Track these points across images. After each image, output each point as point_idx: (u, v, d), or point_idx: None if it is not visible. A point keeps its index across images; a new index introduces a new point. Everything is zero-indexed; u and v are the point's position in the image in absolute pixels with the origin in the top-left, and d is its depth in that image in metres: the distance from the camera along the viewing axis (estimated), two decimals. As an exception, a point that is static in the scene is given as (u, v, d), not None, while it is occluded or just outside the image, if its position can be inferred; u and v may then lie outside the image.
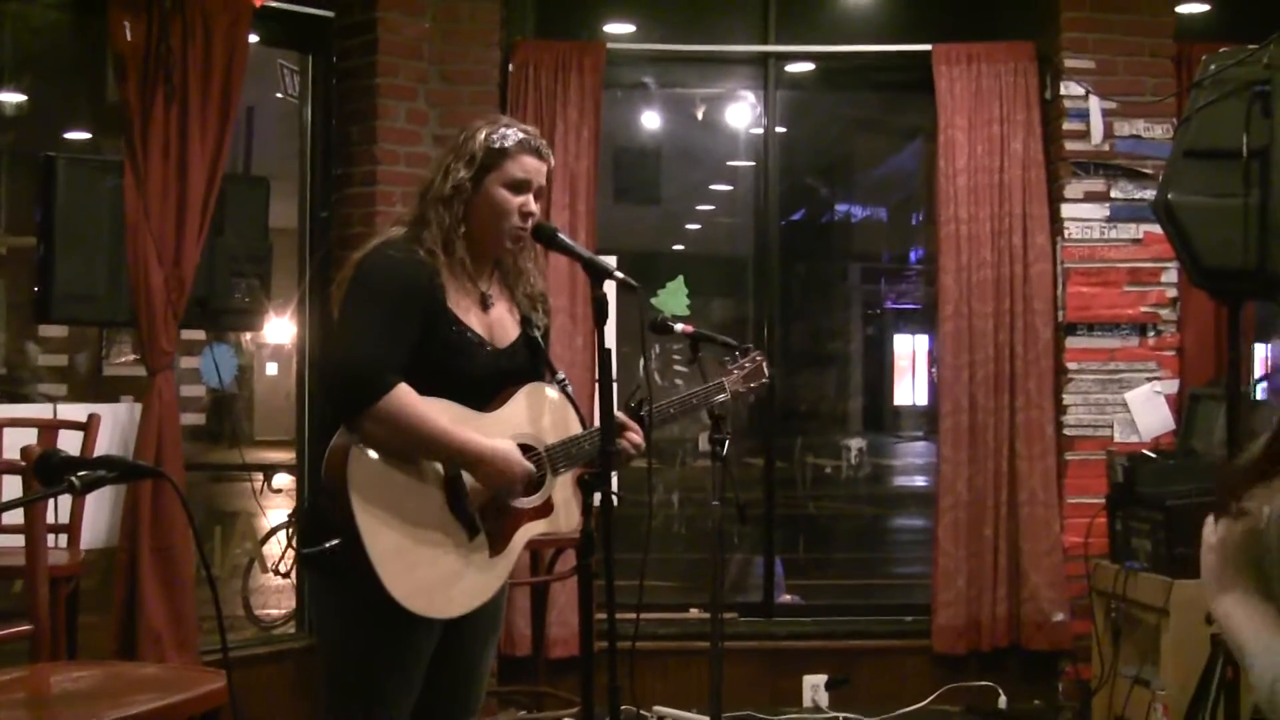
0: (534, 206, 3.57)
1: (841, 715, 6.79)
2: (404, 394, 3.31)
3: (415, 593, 3.33)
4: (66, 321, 7.11)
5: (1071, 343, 6.90)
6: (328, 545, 3.28)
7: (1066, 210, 6.92)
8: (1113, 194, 6.92)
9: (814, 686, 6.94)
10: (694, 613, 7.16)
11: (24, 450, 3.61)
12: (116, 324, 6.89)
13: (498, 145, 3.54)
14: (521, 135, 3.59)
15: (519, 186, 3.54)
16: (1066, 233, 6.91)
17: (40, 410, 6.27)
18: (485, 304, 3.59)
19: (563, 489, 3.63)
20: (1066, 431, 6.90)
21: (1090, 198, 6.92)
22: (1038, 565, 6.83)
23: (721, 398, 4.08)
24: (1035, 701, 6.95)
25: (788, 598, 7.56)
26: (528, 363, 3.65)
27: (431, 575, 3.37)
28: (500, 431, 3.48)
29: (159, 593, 5.63)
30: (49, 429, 5.41)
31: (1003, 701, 6.93)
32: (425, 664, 3.53)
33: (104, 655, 5.53)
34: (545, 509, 3.59)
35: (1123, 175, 6.91)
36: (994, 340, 6.90)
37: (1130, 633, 6.21)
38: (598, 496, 3.41)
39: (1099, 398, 6.90)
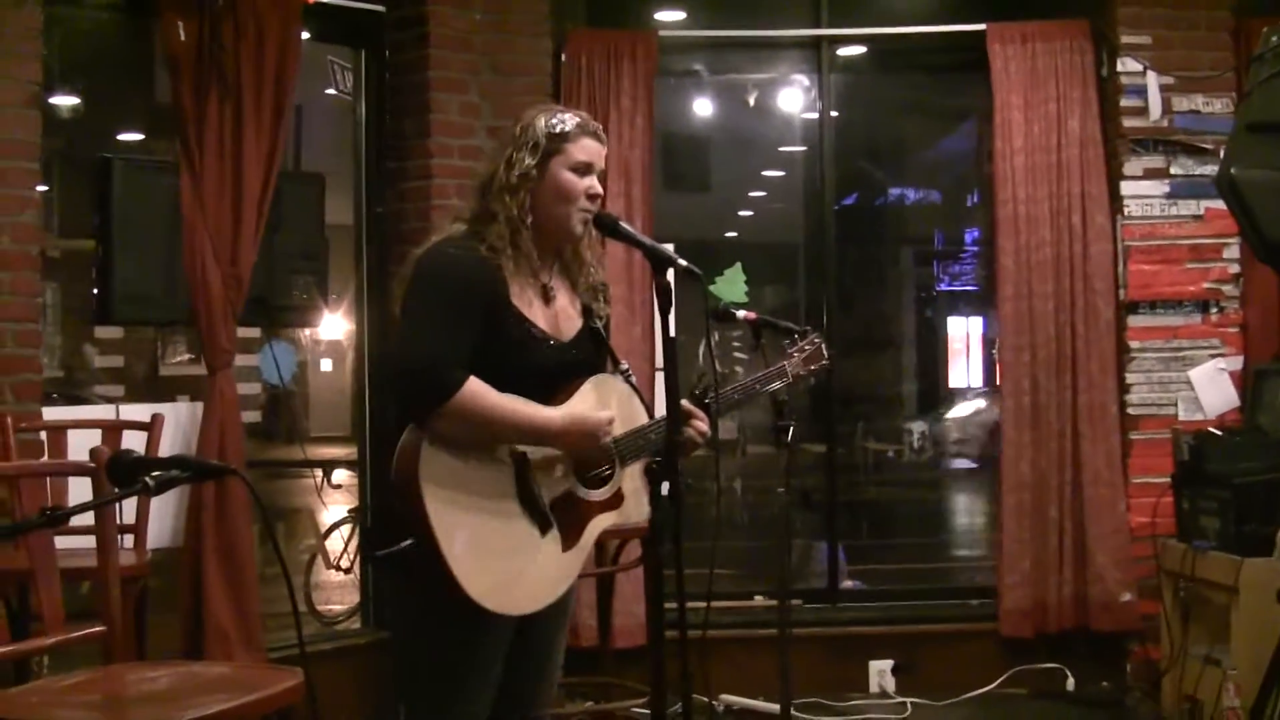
0: (599, 189, 3.56)
1: (908, 700, 6.75)
2: (474, 386, 3.30)
3: (491, 590, 3.32)
4: (126, 323, 7.16)
5: (1133, 321, 6.84)
6: (403, 545, 3.27)
7: (1126, 188, 6.85)
8: (1172, 170, 6.84)
9: (880, 672, 6.91)
10: (758, 600, 7.15)
11: (93, 451, 3.61)
12: (176, 324, 6.91)
13: (558, 130, 3.53)
14: (579, 119, 3.59)
15: (583, 169, 3.53)
16: (1126, 211, 6.84)
17: (103, 411, 6.31)
18: (548, 296, 3.58)
19: (632, 480, 3.61)
20: (1130, 411, 6.84)
21: (1150, 175, 6.85)
22: (1103, 546, 6.77)
23: (780, 383, 4.04)
24: (1104, 683, 6.88)
25: (850, 583, 7.53)
26: (592, 354, 3.65)
27: (506, 572, 3.36)
28: None
29: (224, 591, 5.65)
30: (112, 430, 5.43)
31: (1071, 684, 6.88)
32: (501, 660, 3.53)
33: (171, 655, 5.54)
34: (615, 500, 3.57)
35: (1182, 151, 6.83)
36: (1055, 321, 6.85)
37: (1199, 612, 6.15)
38: (665, 485, 3.39)
39: (1162, 376, 6.84)
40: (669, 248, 3.42)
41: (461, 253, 3.46)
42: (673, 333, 3.37)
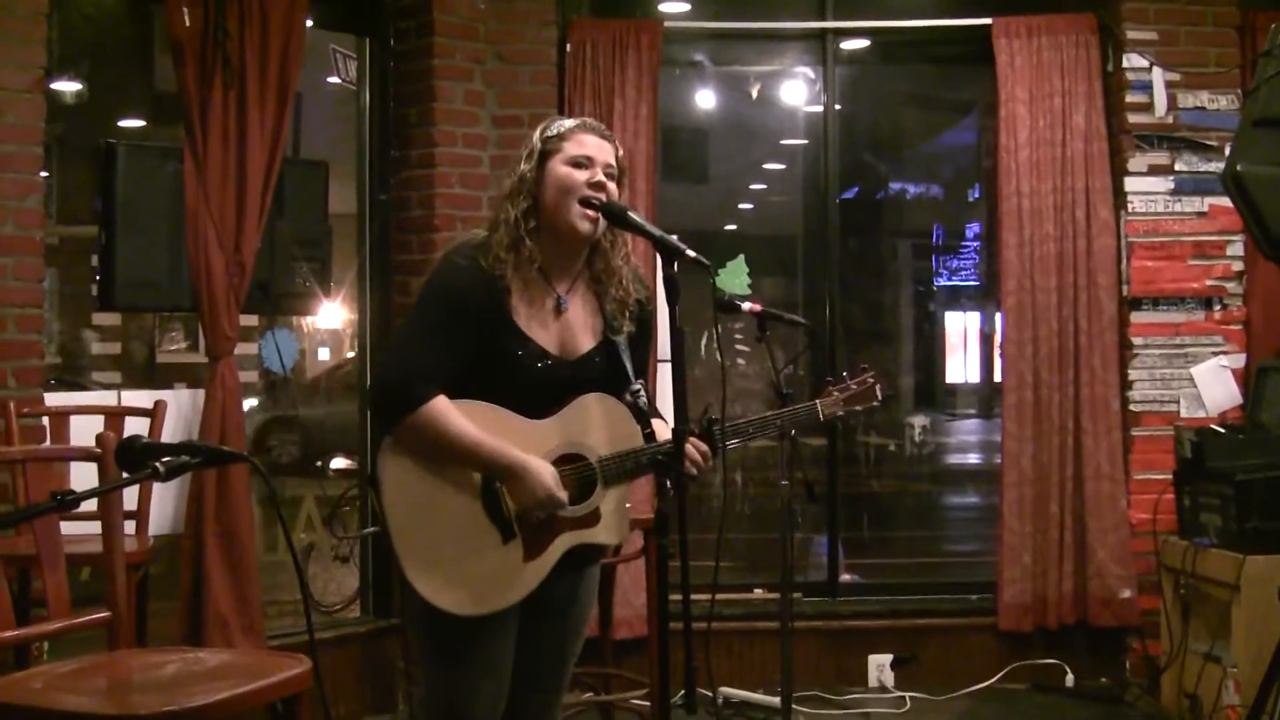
0: (602, 177, 3.53)
1: (907, 694, 6.75)
2: (438, 407, 3.37)
3: (439, 589, 3.40)
4: (129, 309, 7.14)
5: (1136, 317, 6.84)
6: (366, 531, 3.34)
7: (1130, 184, 6.85)
8: (1177, 167, 6.84)
9: (879, 666, 6.91)
10: (759, 593, 7.14)
11: (100, 437, 3.59)
12: (179, 310, 6.90)
13: (554, 132, 3.56)
14: (578, 120, 3.62)
15: (581, 163, 3.52)
16: (1130, 206, 6.84)
17: (104, 397, 6.28)
18: (559, 309, 3.56)
19: (613, 501, 3.58)
20: (1132, 407, 6.84)
21: (1154, 171, 6.85)
22: (1104, 541, 6.77)
23: (806, 419, 4.00)
24: (1103, 679, 6.89)
25: (847, 577, 7.51)
26: (603, 371, 3.60)
27: (456, 573, 3.41)
28: (550, 439, 3.49)
29: (225, 578, 5.65)
30: (115, 416, 5.42)
31: (1070, 679, 6.88)
32: (506, 647, 3.55)
33: (171, 641, 5.54)
34: (591, 519, 3.54)
35: (1187, 147, 6.83)
36: (1057, 315, 6.84)
37: (1200, 609, 6.15)
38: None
39: (1164, 372, 6.84)
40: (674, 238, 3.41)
41: (466, 263, 3.48)
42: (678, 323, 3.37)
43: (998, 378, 7.43)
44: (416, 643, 3.64)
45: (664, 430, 3.57)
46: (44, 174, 5.52)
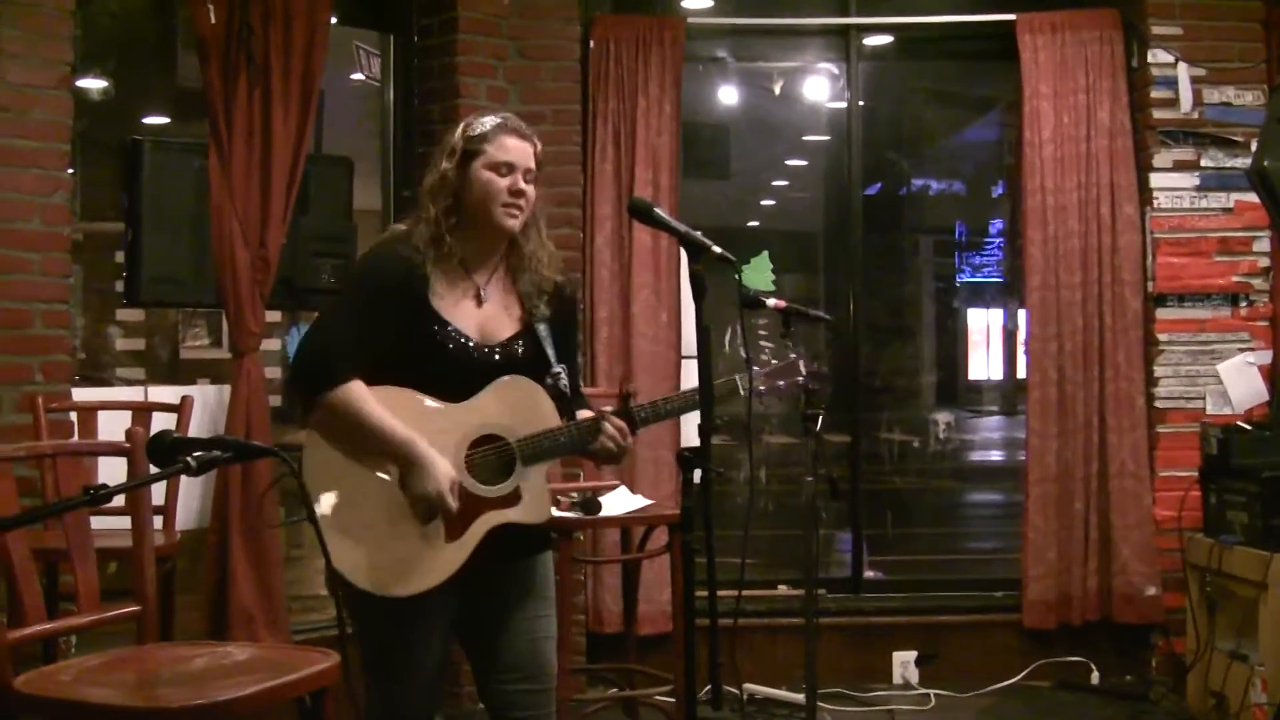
0: (524, 185, 3.61)
1: (931, 691, 6.74)
2: (352, 389, 3.44)
3: (361, 570, 3.44)
4: (154, 304, 7.12)
5: (1161, 314, 6.82)
6: (298, 519, 3.38)
7: (1155, 180, 6.83)
8: (1202, 162, 6.82)
9: (903, 663, 6.90)
10: (782, 589, 7.13)
11: (130, 432, 3.61)
12: (204, 306, 6.91)
13: (476, 132, 3.63)
14: (499, 119, 3.68)
15: (503, 168, 3.59)
16: (1155, 202, 6.81)
17: (130, 393, 6.31)
18: (480, 298, 3.65)
19: (534, 481, 3.62)
20: (1157, 404, 6.82)
21: (1179, 167, 6.83)
22: (1129, 539, 6.76)
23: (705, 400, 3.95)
24: (1127, 677, 6.88)
25: (869, 573, 7.50)
26: (525, 356, 3.66)
27: (378, 555, 3.46)
28: (468, 421, 3.54)
29: (249, 573, 5.66)
30: (142, 411, 5.43)
31: (1095, 677, 6.87)
32: (426, 635, 3.61)
33: (196, 635, 5.56)
34: (511, 499, 3.58)
35: (1212, 143, 6.81)
36: (1082, 312, 6.83)
37: (1226, 607, 6.13)
38: (697, 473, 3.38)
39: (1190, 369, 6.81)
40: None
41: (387, 251, 3.59)
42: (704, 320, 3.38)
43: (1020, 374, 7.43)
44: (355, 627, 3.66)
45: (587, 416, 3.68)
46: (69, 171, 5.54)
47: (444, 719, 3.75)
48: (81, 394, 5.63)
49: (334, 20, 6.15)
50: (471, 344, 3.58)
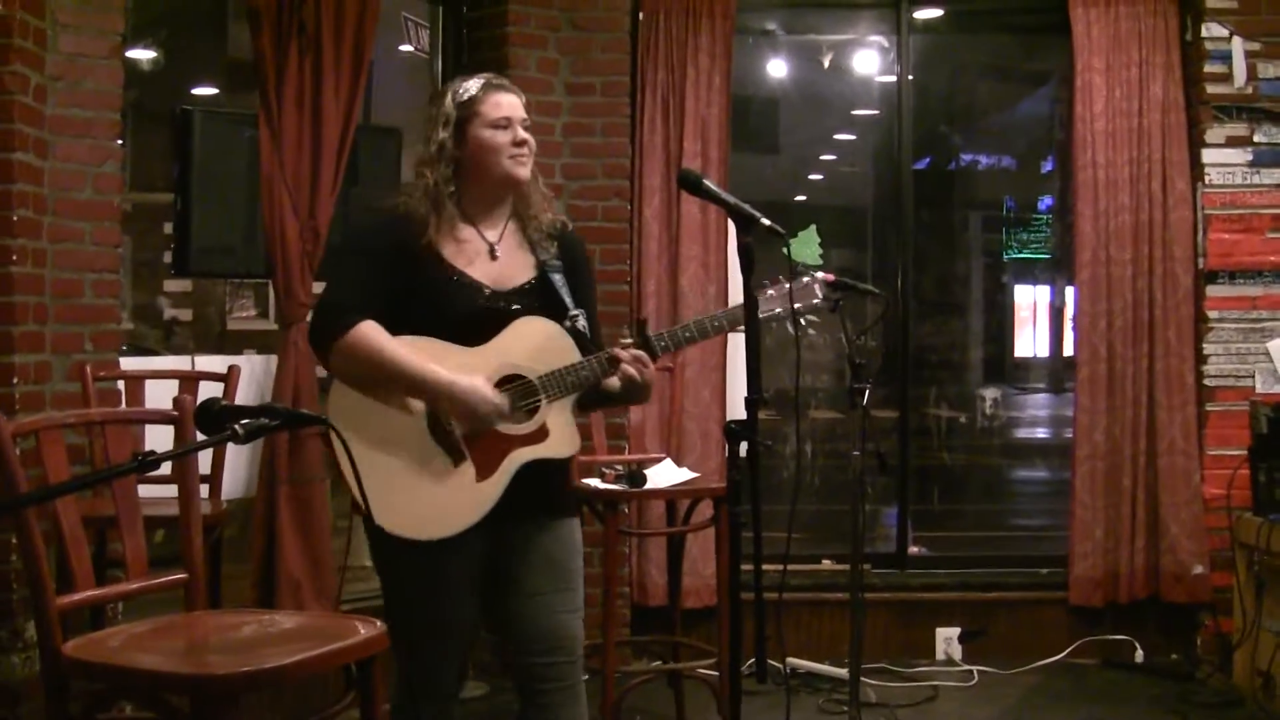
0: (524, 135, 3.70)
1: (975, 668, 6.72)
2: (364, 330, 3.50)
3: (395, 516, 3.48)
4: (204, 275, 7.16)
5: (1212, 291, 6.76)
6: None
7: (1207, 155, 6.76)
8: (1256, 138, 6.75)
9: (947, 639, 6.89)
10: (826, 564, 7.13)
11: (178, 400, 3.63)
12: (253, 277, 6.94)
13: (465, 97, 3.70)
14: (484, 79, 3.76)
15: (501, 124, 3.66)
16: (1207, 178, 6.75)
17: (178, 362, 6.33)
18: (493, 253, 3.71)
19: (559, 415, 3.66)
20: (1207, 381, 6.76)
21: (1232, 142, 6.76)
22: (1177, 517, 6.72)
23: (726, 324, 3.89)
24: (1173, 655, 6.85)
25: (914, 549, 7.48)
26: (542, 300, 3.72)
27: (410, 500, 3.51)
28: (489, 362, 3.58)
29: (297, 542, 5.68)
30: (189, 380, 5.46)
31: (1140, 655, 6.84)
32: (464, 589, 3.65)
33: (244, 604, 5.59)
34: (538, 435, 3.62)
35: (1266, 118, 6.74)
36: (1132, 288, 6.78)
37: (1274, 586, 6.09)
38: (744, 446, 3.37)
39: (1240, 347, 6.75)
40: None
41: (387, 215, 3.69)
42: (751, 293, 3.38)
43: (1068, 351, 7.38)
44: (385, 585, 3.73)
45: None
46: (119, 141, 5.56)
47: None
48: (129, 363, 5.65)
49: (386, -10, 6.15)
50: (487, 291, 3.65)
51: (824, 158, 13.82)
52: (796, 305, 3.90)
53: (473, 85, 3.72)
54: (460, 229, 3.67)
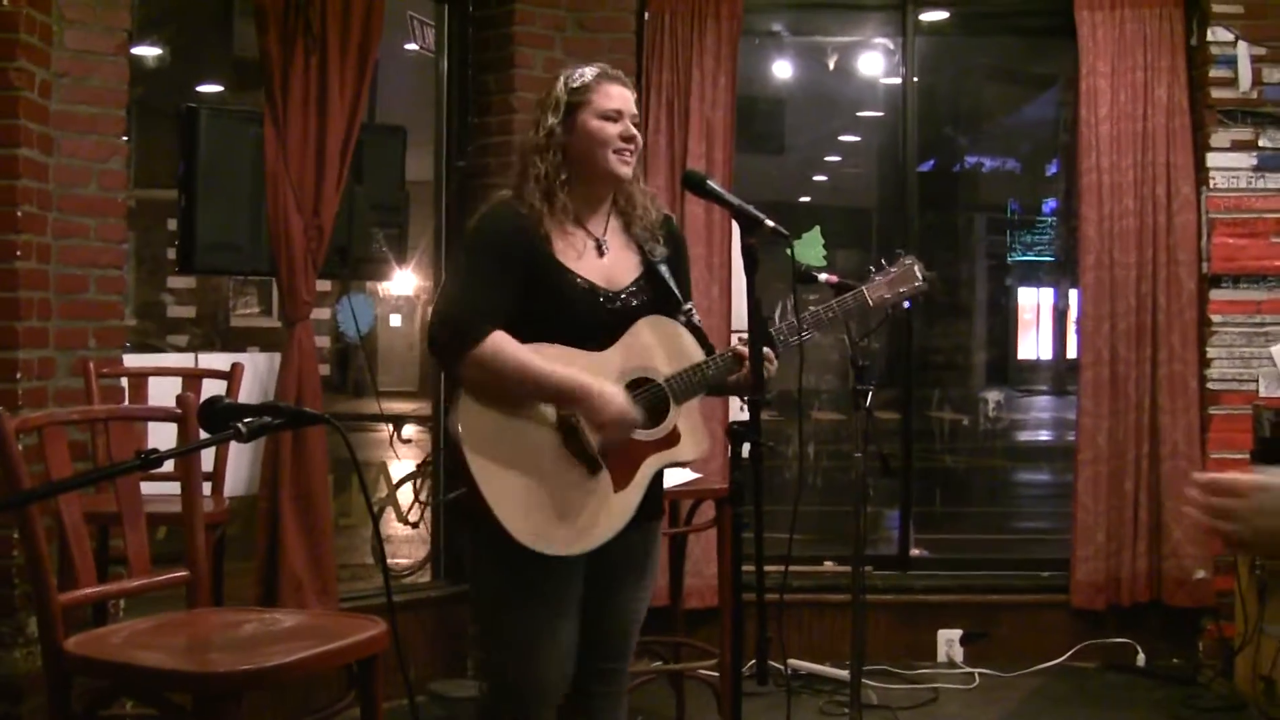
0: (634, 131, 3.62)
1: (976, 670, 6.72)
2: (498, 339, 3.37)
3: (535, 532, 3.37)
4: (209, 271, 7.18)
5: (1216, 295, 6.75)
6: (453, 495, 3.33)
7: (1212, 159, 6.76)
8: (1261, 143, 6.75)
9: (949, 641, 6.89)
10: (829, 565, 7.13)
11: (181, 398, 3.64)
12: (258, 274, 6.95)
13: (578, 84, 3.61)
14: (599, 68, 3.67)
15: (612, 115, 3.58)
16: (1212, 182, 6.75)
17: (182, 360, 6.34)
18: (600, 250, 3.61)
19: (688, 417, 3.61)
20: (1210, 385, 6.76)
21: (1237, 146, 6.75)
22: (1179, 520, 6.71)
23: (855, 305, 3.90)
24: (1175, 659, 6.84)
25: (916, 551, 7.48)
26: (652, 297, 3.64)
27: (550, 514, 3.40)
28: (614, 367, 3.51)
29: (299, 540, 5.68)
30: (193, 378, 5.45)
31: (1141, 659, 6.83)
32: (569, 608, 3.56)
33: (246, 602, 5.59)
34: (671, 439, 3.57)
35: (1271, 123, 6.73)
36: (1136, 291, 6.77)
37: (1276, 590, 6.09)
38: (746, 446, 3.37)
39: (1244, 351, 6.75)
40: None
41: (501, 214, 3.54)
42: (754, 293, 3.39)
43: (1071, 354, 7.38)
44: (490, 599, 3.60)
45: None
46: (124, 137, 5.57)
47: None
48: (133, 360, 5.65)
49: (392, -11, 6.15)
50: (600, 292, 3.55)
51: (829, 159, 13.84)
52: (901, 289, 3.94)
53: (588, 72, 3.64)
54: (567, 221, 3.58)
